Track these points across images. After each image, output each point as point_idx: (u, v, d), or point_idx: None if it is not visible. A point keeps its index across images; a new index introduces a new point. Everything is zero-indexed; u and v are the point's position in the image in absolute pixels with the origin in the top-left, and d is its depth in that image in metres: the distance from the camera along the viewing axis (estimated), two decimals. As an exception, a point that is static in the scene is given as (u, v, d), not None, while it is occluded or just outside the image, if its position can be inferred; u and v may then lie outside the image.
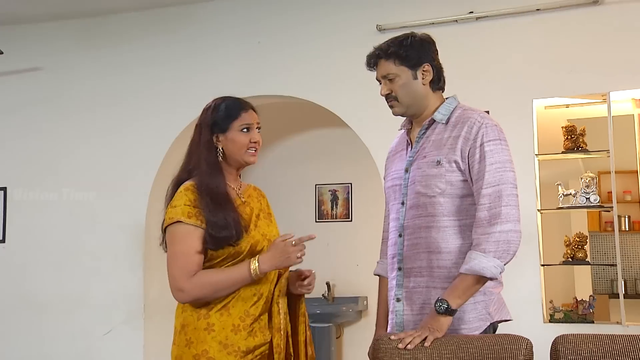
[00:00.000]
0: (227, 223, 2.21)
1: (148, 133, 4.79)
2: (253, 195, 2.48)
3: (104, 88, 4.91)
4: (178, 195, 2.26)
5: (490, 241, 2.13)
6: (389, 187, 2.46)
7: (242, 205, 2.36)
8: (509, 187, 2.19)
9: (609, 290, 6.59)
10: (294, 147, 5.85)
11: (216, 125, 2.34)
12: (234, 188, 2.40)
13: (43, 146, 4.97)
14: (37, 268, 4.85)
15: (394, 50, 2.34)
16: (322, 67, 4.48)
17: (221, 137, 2.33)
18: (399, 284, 2.33)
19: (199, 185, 2.26)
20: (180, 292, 2.19)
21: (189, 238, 2.20)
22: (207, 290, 2.20)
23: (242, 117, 2.36)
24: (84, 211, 4.80)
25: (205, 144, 2.33)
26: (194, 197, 2.24)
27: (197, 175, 2.29)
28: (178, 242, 2.21)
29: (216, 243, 2.21)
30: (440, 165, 2.25)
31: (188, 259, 2.19)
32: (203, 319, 2.23)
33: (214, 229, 2.20)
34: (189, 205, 2.22)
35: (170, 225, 2.23)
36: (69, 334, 4.72)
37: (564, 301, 5.21)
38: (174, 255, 2.22)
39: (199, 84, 4.70)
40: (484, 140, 2.21)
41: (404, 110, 2.38)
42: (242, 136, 2.34)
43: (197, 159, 2.32)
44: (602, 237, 6.81)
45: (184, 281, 2.18)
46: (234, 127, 2.34)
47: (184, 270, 2.18)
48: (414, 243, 2.30)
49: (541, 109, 4.19)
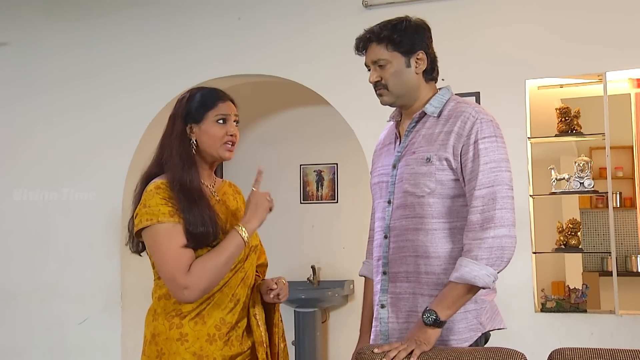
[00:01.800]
0: (204, 220, 2.04)
1: (123, 112, 4.57)
2: (228, 193, 2.31)
3: (74, 64, 4.68)
4: (149, 195, 2.07)
5: (483, 247, 1.97)
6: (375, 183, 2.29)
7: (217, 204, 2.19)
8: (504, 188, 2.02)
9: (599, 268, 6.52)
10: (278, 125, 5.64)
11: (190, 115, 2.16)
12: (208, 185, 2.22)
13: (10, 126, 4.75)
14: (5, 256, 4.66)
15: (387, 34, 2.15)
16: (305, 45, 4.27)
17: (195, 128, 2.16)
18: (383, 289, 2.17)
19: (171, 182, 2.08)
20: (185, 289, 1.98)
21: (174, 234, 2.01)
22: (211, 277, 2.01)
23: (219, 107, 2.18)
24: (56, 196, 4.60)
25: (177, 135, 2.14)
26: (167, 194, 2.06)
27: (169, 171, 2.11)
28: (164, 242, 2.02)
29: (194, 240, 2.04)
30: (430, 163, 2.08)
31: (179, 255, 2.00)
32: (175, 328, 2.07)
33: (191, 226, 2.03)
34: (163, 204, 2.04)
35: (149, 227, 2.04)
36: (43, 324, 4.56)
37: (553, 287, 5.11)
38: (163, 255, 2.02)
39: (177, 62, 4.49)
40: (478, 137, 2.04)
41: (393, 100, 2.20)
42: (217, 128, 2.16)
43: (170, 152, 2.13)
44: (593, 214, 6.73)
45: (184, 278, 1.98)
46: (209, 118, 2.16)
47: (179, 267, 1.99)
48: (400, 246, 2.13)
49: (534, 90, 4.02)
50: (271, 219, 5.48)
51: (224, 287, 2.12)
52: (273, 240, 5.45)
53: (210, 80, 4.38)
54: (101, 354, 4.42)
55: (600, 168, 5.69)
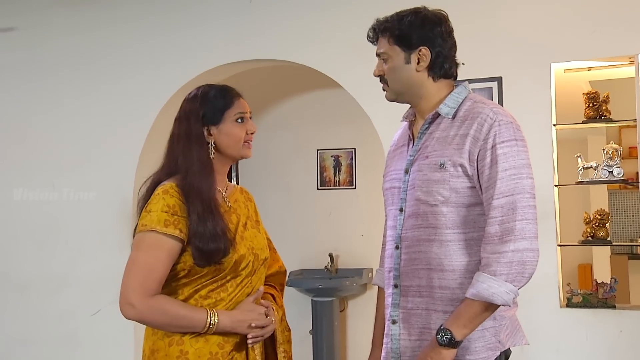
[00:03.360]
0: (217, 234, 1.91)
1: (133, 99, 4.44)
2: (240, 200, 2.17)
3: (83, 49, 4.54)
4: (155, 199, 1.94)
5: (502, 262, 1.81)
6: (387, 189, 2.13)
7: (227, 212, 2.06)
8: (525, 197, 1.85)
9: (627, 250, 6.30)
10: (293, 109, 5.46)
11: (206, 117, 2.02)
12: (221, 191, 2.09)
13: (19, 112, 4.64)
14: (17, 246, 4.58)
15: (388, 26, 2.02)
16: (318, 28, 4.09)
17: (213, 130, 2.03)
18: (394, 304, 2.02)
19: (184, 188, 1.95)
20: (130, 306, 1.86)
21: (159, 249, 1.89)
22: (159, 320, 1.91)
23: (235, 105, 2.06)
24: (67, 185, 4.50)
25: (195, 139, 2.01)
26: (173, 202, 1.92)
27: (183, 176, 1.97)
28: (144, 250, 1.90)
29: (205, 258, 1.91)
30: (444, 169, 1.91)
31: (150, 273, 1.87)
32: (176, 345, 1.94)
33: (202, 241, 1.90)
34: (166, 212, 1.90)
35: (141, 232, 1.92)
36: (55, 315, 4.49)
37: (579, 271, 4.93)
38: (136, 263, 1.90)
39: (187, 46, 4.34)
40: (496, 141, 1.87)
41: (394, 96, 2.06)
42: (237, 127, 2.05)
43: (185, 157, 1.99)
44: (621, 195, 6.49)
45: (138, 297, 1.85)
46: (229, 118, 2.04)
47: (142, 285, 1.86)
48: (412, 258, 1.98)
49: (560, 73, 3.80)
50: (288, 206, 5.42)
51: (229, 303, 2.00)
52: (289, 227, 5.36)
53: (222, 65, 4.24)
54: (113, 345, 4.35)
55: (630, 147, 5.47)
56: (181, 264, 1.95)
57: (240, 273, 2.00)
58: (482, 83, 3.65)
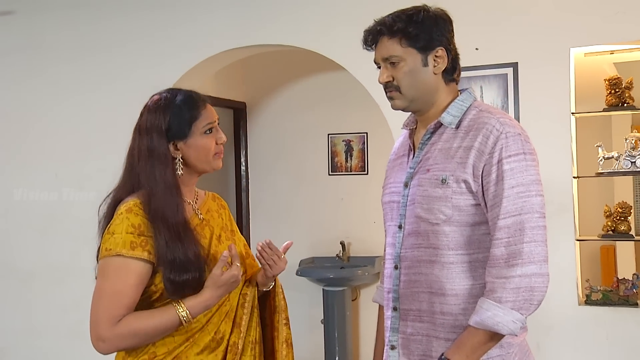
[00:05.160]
0: (188, 261, 1.77)
1: (136, 85, 4.27)
2: (212, 209, 2.03)
3: (86, 34, 4.39)
4: (118, 219, 1.80)
5: (508, 288, 1.67)
6: (386, 202, 1.99)
7: (200, 225, 1.92)
8: (533, 217, 1.69)
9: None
10: (303, 93, 5.28)
11: (172, 131, 1.86)
12: (191, 203, 1.95)
13: (21, 100, 4.51)
14: (19, 235, 4.50)
15: (401, 26, 1.82)
16: (324, 14, 3.89)
17: (180, 145, 1.87)
18: (393, 328, 1.88)
19: (146, 207, 1.80)
20: (101, 342, 1.74)
21: (125, 273, 1.75)
22: (134, 341, 1.78)
23: (204, 115, 1.90)
24: (70, 172, 4.39)
25: (158, 157, 1.85)
26: (138, 221, 1.78)
27: (146, 196, 1.82)
28: (109, 278, 1.76)
29: (178, 290, 1.77)
30: (446, 185, 1.75)
31: (116, 301, 1.74)
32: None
33: (173, 272, 1.75)
34: (131, 233, 1.77)
35: (105, 258, 1.78)
36: (59, 305, 4.41)
37: (602, 252, 4.72)
38: (101, 293, 1.77)
39: (190, 33, 4.17)
40: (502, 155, 1.71)
41: (406, 104, 1.87)
42: (206, 139, 1.89)
43: (148, 177, 1.84)
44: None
45: (105, 329, 1.73)
46: (197, 130, 1.88)
47: (108, 315, 1.73)
48: (412, 280, 1.84)
49: (580, 56, 3.58)
50: (298, 192, 5.28)
51: (207, 324, 1.86)
52: (300, 214, 5.23)
53: (227, 50, 4.08)
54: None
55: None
56: (152, 287, 1.82)
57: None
58: (496, 69, 3.45)
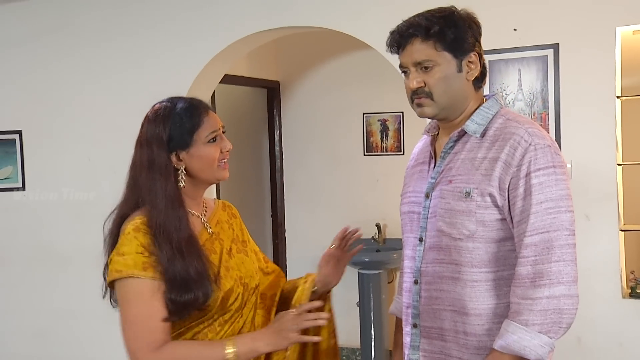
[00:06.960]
0: (189, 279, 1.68)
1: (166, 69, 4.20)
2: (222, 220, 1.94)
3: (116, 16, 4.30)
4: (126, 239, 1.71)
5: (535, 310, 1.56)
6: (405, 212, 1.88)
7: (209, 241, 1.83)
8: (563, 234, 1.57)
9: None
10: (338, 72, 5.14)
11: (173, 141, 1.78)
12: (199, 216, 1.86)
13: (52, 82, 4.46)
14: (57, 219, 4.50)
15: (437, 29, 1.69)
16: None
17: (183, 155, 1.78)
18: (414, 345, 1.79)
19: (151, 224, 1.72)
20: None
21: (149, 297, 1.66)
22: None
23: (206, 123, 1.80)
24: (102, 158, 4.37)
25: (159, 170, 1.76)
26: (147, 240, 1.70)
27: (148, 210, 1.74)
28: (134, 304, 1.68)
29: (179, 311, 1.69)
30: (470, 199, 1.64)
31: (151, 326, 1.66)
32: None
33: (173, 291, 1.67)
34: (142, 254, 1.68)
35: (120, 280, 1.71)
36: (95, 289, 4.42)
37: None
38: (131, 321, 1.69)
39: (221, 13, 4.05)
40: (531, 168, 1.58)
41: (437, 112, 1.74)
42: (210, 149, 1.79)
43: (149, 191, 1.75)
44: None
45: (148, 356, 1.65)
46: (199, 139, 1.78)
47: (146, 341, 1.65)
48: (433, 296, 1.73)
49: (627, 35, 3.38)
50: (333, 173, 5.17)
51: None
52: (335, 195, 5.14)
53: (255, 33, 3.96)
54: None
55: None
56: None
57: (230, 309, 1.78)
58: (535, 51, 3.27)
